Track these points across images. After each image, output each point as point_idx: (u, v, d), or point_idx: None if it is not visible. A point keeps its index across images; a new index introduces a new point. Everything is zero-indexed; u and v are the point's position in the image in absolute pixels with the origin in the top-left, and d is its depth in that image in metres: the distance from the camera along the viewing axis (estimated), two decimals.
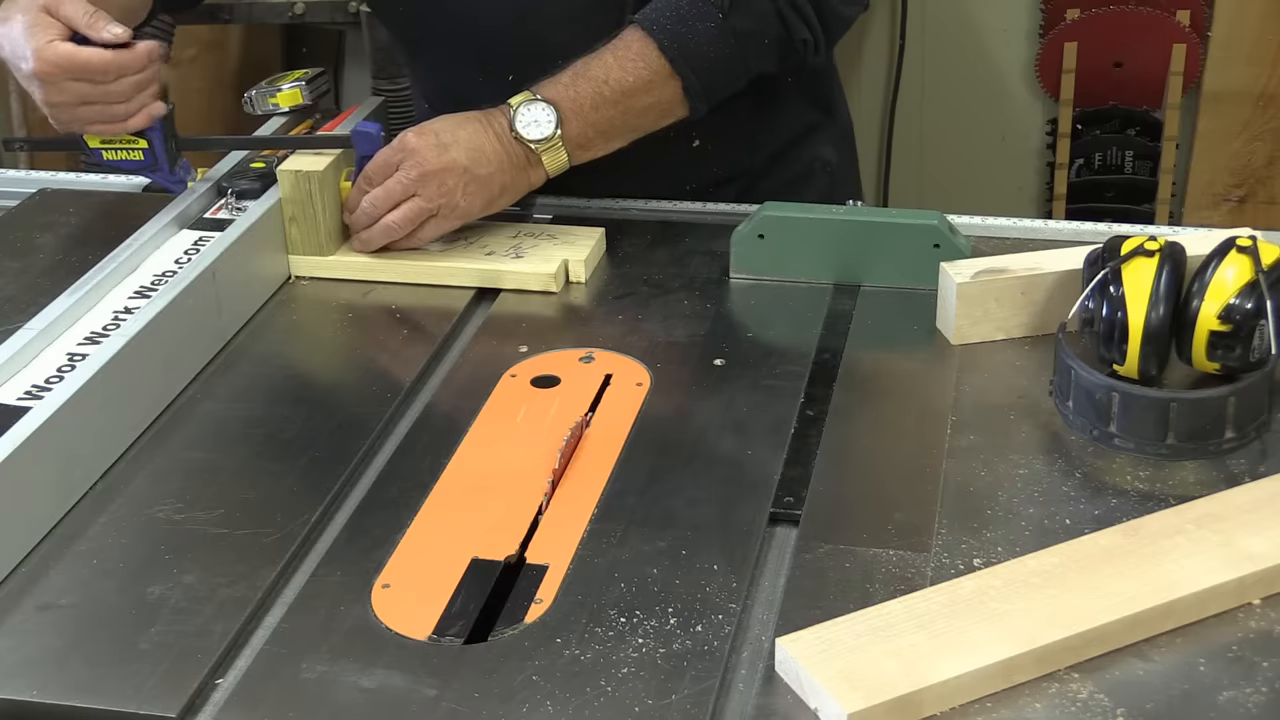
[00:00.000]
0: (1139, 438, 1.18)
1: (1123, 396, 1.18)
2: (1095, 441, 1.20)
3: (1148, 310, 1.20)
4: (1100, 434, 1.19)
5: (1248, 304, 1.18)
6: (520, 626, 1.03)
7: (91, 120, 1.45)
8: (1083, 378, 1.20)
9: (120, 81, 1.42)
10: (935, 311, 1.38)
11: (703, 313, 1.44)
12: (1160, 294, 1.20)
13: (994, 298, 1.34)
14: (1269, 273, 1.19)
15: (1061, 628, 0.98)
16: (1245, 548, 1.04)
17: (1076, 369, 1.20)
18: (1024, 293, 1.34)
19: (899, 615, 1.00)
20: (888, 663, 0.95)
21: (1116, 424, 1.19)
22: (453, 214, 1.49)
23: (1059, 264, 1.35)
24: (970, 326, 1.35)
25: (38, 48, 1.39)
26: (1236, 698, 0.95)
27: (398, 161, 1.48)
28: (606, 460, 1.21)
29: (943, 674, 0.95)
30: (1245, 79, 3.00)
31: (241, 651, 1.03)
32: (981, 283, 1.34)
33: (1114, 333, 1.21)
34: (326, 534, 1.15)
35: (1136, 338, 1.20)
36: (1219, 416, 1.17)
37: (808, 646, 0.97)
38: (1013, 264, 1.36)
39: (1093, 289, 1.23)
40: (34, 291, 1.45)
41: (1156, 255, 1.21)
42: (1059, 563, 1.04)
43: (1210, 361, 1.21)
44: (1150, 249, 1.22)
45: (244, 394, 1.33)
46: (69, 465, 1.18)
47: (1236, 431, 1.18)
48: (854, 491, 1.17)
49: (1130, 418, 1.18)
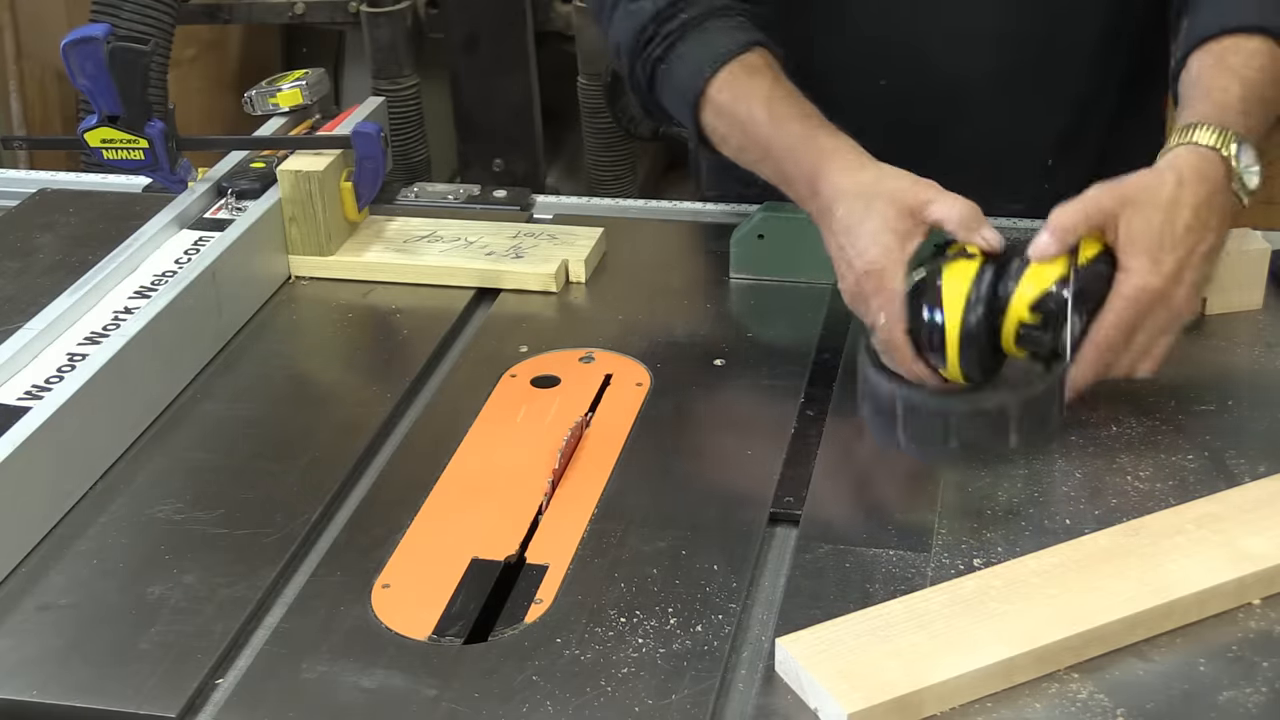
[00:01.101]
0: (924, 444, 1.14)
1: (905, 403, 1.13)
2: (893, 448, 1.15)
3: (964, 313, 1.14)
4: (891, 440, 1.15)
5: (1062, 295, 1.13)
6: (520, 626, 1.03)
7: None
8: (871, 384, 1.16)
9: None
10: None
11: (703, 313, 1.44)
12: (979, 295, 1.14)
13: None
14: (1082, 270, 1.14)
15: (1061, 628, 0.98)
16: (1245, 548, 1.04)
17: (869, 374, 1.16)
18: None
19: (899, 615, 1.00)
20: (888, 663, 0.95)
21: (903, 430, 1.14)
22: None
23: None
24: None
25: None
26: (1236, 698, 0.95)
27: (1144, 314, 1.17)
28: (606, 460, 1.21)
29: (943, 674, 0.95)
30: None
31: (241, 651, 1.03)
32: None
33: (932, 337, 1.16)
34: (326, 534, 1.15)
35: (954, 341, 1.14)
36: (1001, 424, 1.12)
37: (808, 646, 0.97)
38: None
39: (910, 294, 1.17)
40: (34, 291, 1.45)
41: (978, 258, 1.16)
42: (1059, 563, 1.04)
43: (1019, 349, 1.16)
44: (971, 251, 1.17)
45: (244, 394, 1.33)
46: (69, 465, 1.18)
47: (1020, 437, 1.13)
48: (854, 491, 1.17)
49: (914, 425, 1.14)
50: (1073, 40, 1.54)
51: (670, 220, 1.64)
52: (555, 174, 3.11)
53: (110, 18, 2.62)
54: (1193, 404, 1.25)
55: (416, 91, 2.90)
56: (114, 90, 1.44)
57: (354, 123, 1.54)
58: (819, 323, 1.41)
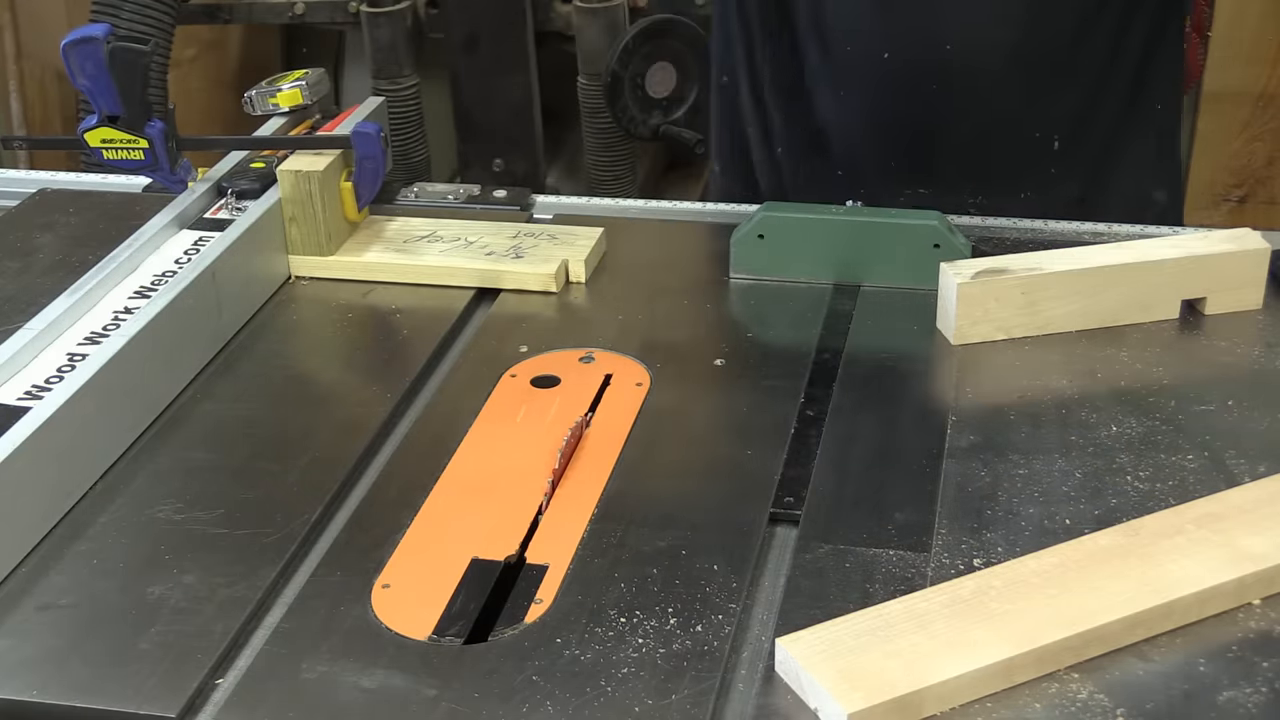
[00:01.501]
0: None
1: None
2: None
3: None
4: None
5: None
6: (520, 626, 1.03)
7: None
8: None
9: None
10: (935, 311, 1.38)
11: (703, 313, 1.44)
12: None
13: (994, 298, 1.34)
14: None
15: (1061, 628, 0.98)
16: (1245, 548, 1.04)
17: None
18: (1024, 293, 1.34)
19: (899, 616, 1.00)
20: (888, 663, 0.95)
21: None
22: None
23: (1059, 264, 1.35)
24: (970, 326, 1.35)
25: None
26: (1236, 698, 0.95)
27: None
28: (606, 460, 1.21)
29: (943, 674, 0.95)
30: (1245, 79, 3.00)
31: (241, 651, 1.03)
32: (982, 283, 1.34)
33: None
34: (326, 534, 1.15)
35: None
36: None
37: (808, 647, 0.97)
38: (1013, 264, 1.36)
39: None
40: (34, 291, 1.45)
41: None
42: (1059, 563, 1.04)
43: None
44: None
45: (244, 394, 1.33)
46: (69, 465, 1.18)
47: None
48: (854, 491, 1.17)
49: None
50: (1089, 14, 1.53)
51: (670, 220, 1.64)
52: (555, 174, 3.11)
53: (110, 18, 2.62)
54: (1193, 404, 1.25)
55: (416, 91, 2.90)
56: (114, 90, 1.44)
57: (354, 123, 1.55)
58: (819, 323, 1.41)
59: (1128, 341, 1.34)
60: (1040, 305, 1.35)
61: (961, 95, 1.55)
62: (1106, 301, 1.36)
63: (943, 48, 1.52)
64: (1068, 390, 1.28)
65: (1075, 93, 1.58)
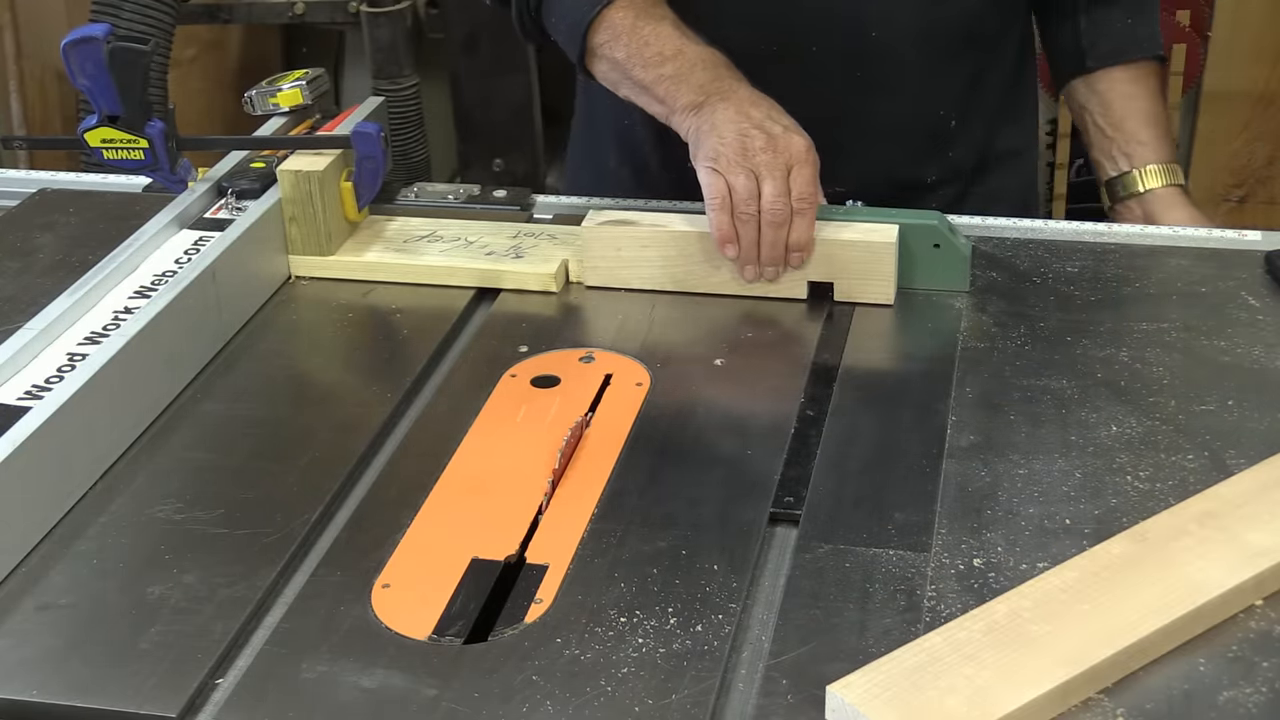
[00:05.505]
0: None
1: None
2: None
3: None
4: None
5: None
6: (520, 626, 1.03)
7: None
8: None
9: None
10: (935, 312, 1.38)
11: (703, 313, 1.44)
12: None
13: (617, 247, 1.45)
14: None
15: (1107, 644, 0.96)
16: (1252, 543, 1.03)
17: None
18: (644, 247, 1.45)
19: (943, 649, 0.97)
20: (948, 699, 0.92)
21: None
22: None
23: (682, 225, 1.46)
24: (593, 271, 1.47)
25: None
26: (1236, 698, 0.95)
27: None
28: (606, 460, 1.21)
29: (1006, 705, 0.92)
30: (1245, 79, 3.00)
31: (241, 651, 1.03)
32: (606, 230, 1.45)
33: None
34: (326, 534, 1.15)
35: None
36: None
37: (864, 692, 0.93)
38: (644, 219, 1.48)
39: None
40: (34, 291, 1.45)
41: None
42: (1079, 576, 1.02)
43: None
44: None
45: (244, 394, 1.33)
46: (69, 465, 1.18)
47: None
48: (854, 491, 1.17)
49: None
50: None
51: None
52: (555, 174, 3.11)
53: (110, 18, 2.62)
54: (1193, 404, 1.25)
55: (416, 91, 2.90)
56: (114, 90, 1.44)
57: (354, 123, 1.54)
58: (819, 322, 1.41)
59: (1128, 341, 1.34)
60: (669, 261, 1.45)
61: (869, 81, 1.60)
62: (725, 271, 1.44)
63: (855, 37, 1.58)
64: (1068, 390, 1.28)
65: (970, 75, 1.64)
